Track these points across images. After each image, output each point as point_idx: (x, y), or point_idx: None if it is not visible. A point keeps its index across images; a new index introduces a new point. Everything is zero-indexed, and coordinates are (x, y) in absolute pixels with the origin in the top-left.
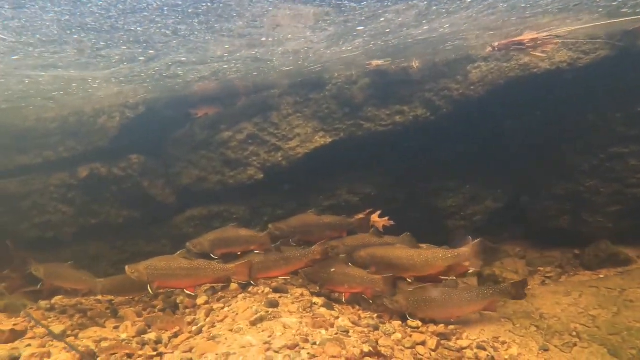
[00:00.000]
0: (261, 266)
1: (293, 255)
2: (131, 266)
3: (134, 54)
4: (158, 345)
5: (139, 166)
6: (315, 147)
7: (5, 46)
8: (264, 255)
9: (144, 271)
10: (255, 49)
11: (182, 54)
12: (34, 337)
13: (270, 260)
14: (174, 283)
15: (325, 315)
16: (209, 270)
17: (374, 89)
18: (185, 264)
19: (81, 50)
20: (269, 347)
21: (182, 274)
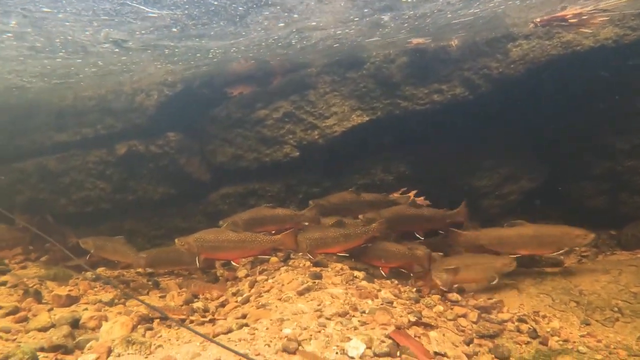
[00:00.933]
0: (320, 242)
1: (352, 232)
2: (181, 239)
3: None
4: (206, 314)
5: (176, 144)
6: (352, 126)
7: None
8: (322, 230)
9: (193, 243)
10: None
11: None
12: (87, 302)
13: (329, 236)
14: (221, 255)
15: (368, 287)
16: (256, 242)
17: (412, 68)
18: (233, 236)
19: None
20: (320, 314)
21: (230, 246)
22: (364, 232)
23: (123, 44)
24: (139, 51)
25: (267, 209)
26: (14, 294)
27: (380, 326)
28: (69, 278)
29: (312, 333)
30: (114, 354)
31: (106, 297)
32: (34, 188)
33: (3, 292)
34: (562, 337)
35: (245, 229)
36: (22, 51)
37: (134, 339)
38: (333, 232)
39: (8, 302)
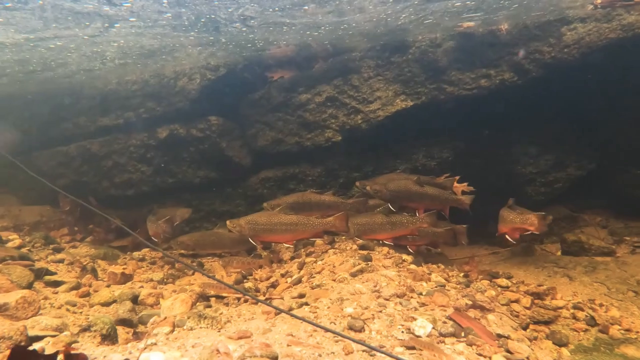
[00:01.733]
0: (367, 227)
1: (400, 221)
2: (232, 221)
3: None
4: (258, 294)
5: (218, 127)
6: (396, 111)
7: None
8: (370, 216)
9: (245, 225)
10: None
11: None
12: (141, 280)
13: (376, 222)
14: (273, 237)
15: (419, 270)
16: (309, 225)
17: (459, 52)
18: (286, 219)
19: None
20: (378, 294)
21: (282, 229)
22: (412, 222)
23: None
24: (261, 28)
25: (313, 194)
26: (72, 271)
27: (439, 307)
28: (117, 257)
29: (373, 312)
30: (186, 327)
31: (157, 276)
32: (77, 171)
33: (62, 268)
34: (624, 326)
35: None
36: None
37: (205, 314)
38: (380, 219)
39: (69, 277)
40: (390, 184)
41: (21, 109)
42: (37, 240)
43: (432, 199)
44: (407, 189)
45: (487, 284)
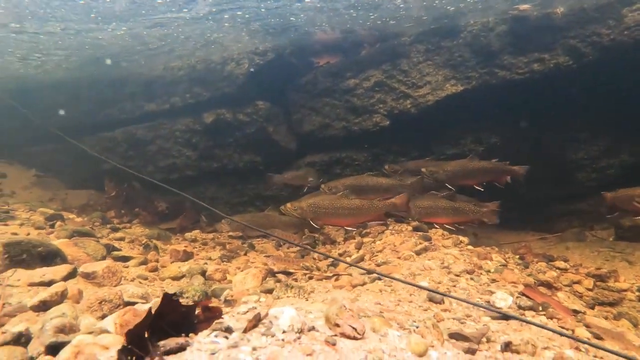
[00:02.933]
0: (430, 211)
1: (462, 208)
2: (293, 203)
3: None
4: (317, 272)
5: (265, 112)
6: (446, 95)
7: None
8: (434, 200)
9: (307, 208)
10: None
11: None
12: (201, 258)
13: (439, 206)
14: (335, 221)
15: (479, 250)
16: (371, 208)
17: (512, 36)
18: (348, 203)
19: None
20: (448, 270)
21: (344, 213)
22: (474, 212)
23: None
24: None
25: (370, 177)
26: (134, 248)
27: (510, 284)
28: (169, 238)
29: (448, 287)
30: (272, 295)
31: (214, 255)
32: (122, 156)
33: (124, 245)
34: None
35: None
36: None
37: (292, 284)
38: (444, 204)
39: (133, 254)
40: (445, 164)
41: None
42: (95, 219)
43: (489, 172)
44: (463, 167)
45: (545, 265)
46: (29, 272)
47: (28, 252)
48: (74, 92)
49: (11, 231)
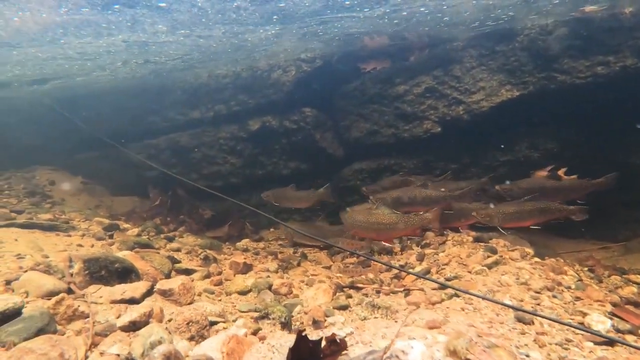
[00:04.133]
0: (516, 216)
1: (549, 208)
2: (345, 212)
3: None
4: (383, 286)
5: (312, 119)
6: (501, 101)
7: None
8: (519, 205)
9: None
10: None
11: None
12: (260, 270)
13: (526, 210)
14: (371, 235)
15: (549, 264)
16: (407, 223)
17: (573, 39)
18: (384, 219)
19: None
20: (527, 287)
21: (380, 228)
22: (562, 210)
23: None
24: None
25: (418, 189)
26: (193, 260)
27: (596, 302)
28: (220, 247)
29: (532, 305)
30: (359, 317)
31: (272, 266)
32: (166, 163)
33: (183, 257)
34: None
35: (392, 207)
36: None
37: (378, 304)
38: (530, 206)
39: (193, 265)
40: (522, 182)
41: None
42: (149, 229)
43: (571, 190)
44: (541, 184)
45: (619, 279)
46: (109, 288)
47: (106, 269)
48: (119, 100)
49: (76, 242)
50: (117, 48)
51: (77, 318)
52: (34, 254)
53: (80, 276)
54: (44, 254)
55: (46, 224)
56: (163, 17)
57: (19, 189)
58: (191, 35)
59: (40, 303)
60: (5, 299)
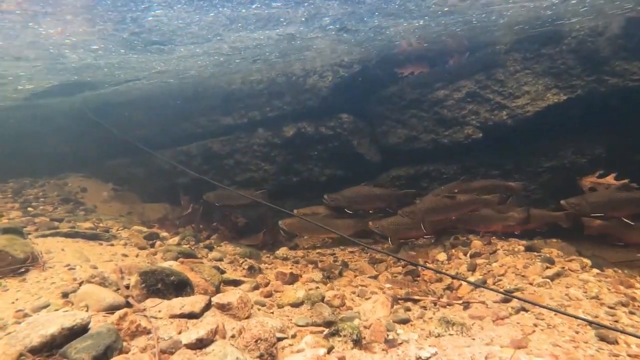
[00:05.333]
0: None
1: None
2: (374, 222)
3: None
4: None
5: (349, 125)
6: (547, 105)
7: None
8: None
9: (387, 226)
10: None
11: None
12: (306, 281)
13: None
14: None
15: (613, 275)
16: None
17: (626, 40)
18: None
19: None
20: (600, 302)
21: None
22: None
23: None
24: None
25: (447, 198)
26: (237, 270)
27: None
28: (259, 256)
29: (610, 322)
30: (433, 334)
31: (317, 276)
32: (198, 170)
33: (227, 267)
34: None
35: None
36: None
37: (452, 320)
38: (623, 195)
39: (238, 276)
40: (590, 196)
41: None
42: (189, 237)
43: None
44: (610, 197)
45: None
46: (167, 302)
47: (162, 282)
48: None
49: (120, 252)
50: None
51: (139, 334)
52: (82, 264)
53: (137, 289)
54: (91, 264)
55: (89, 233)
56: None
57: (53, 197)
58: None
59: (102, 318)
60: (73, 315)
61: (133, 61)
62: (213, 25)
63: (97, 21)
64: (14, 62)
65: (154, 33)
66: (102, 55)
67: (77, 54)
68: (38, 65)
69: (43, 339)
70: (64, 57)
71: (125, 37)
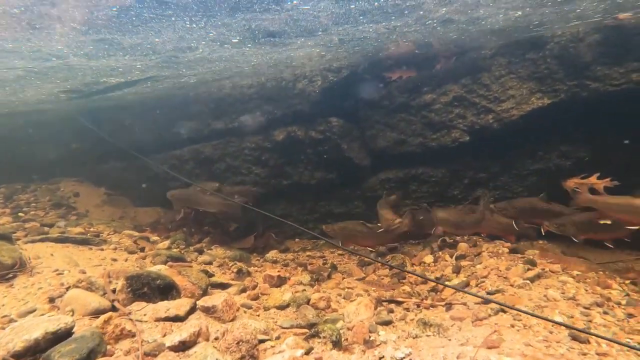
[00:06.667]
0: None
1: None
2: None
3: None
4: (422, 300)
5: (339, 129)
6: (531, 109)
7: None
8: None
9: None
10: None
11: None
12: (294, 283)
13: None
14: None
15: (592, 276)
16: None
17: (606, 46)
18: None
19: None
20: (576, 302)
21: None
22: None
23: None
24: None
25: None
26: (226, 273)
27: None
28: (248, 259)
29: (584, 322)
30: (411, 335)
31: (305, 279)
32: (190, 174)
33: (215, 270)
34: None
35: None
36: None
37: (430, 321)
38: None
39: (226, 279)
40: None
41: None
42: (179, 241)
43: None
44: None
45: None
46: (152, 306)
47: (148, 286)
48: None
49: (110, 256)
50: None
51: (124, 337)
52: (71, 269)
53: (123, 293)
54: (80, 269)
55: (79, 238)
56: None
57: (44, 202)
58: None
59: (87, 321)
60: (57, 319)
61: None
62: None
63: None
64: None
65: None
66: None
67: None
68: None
69: (27, 344)
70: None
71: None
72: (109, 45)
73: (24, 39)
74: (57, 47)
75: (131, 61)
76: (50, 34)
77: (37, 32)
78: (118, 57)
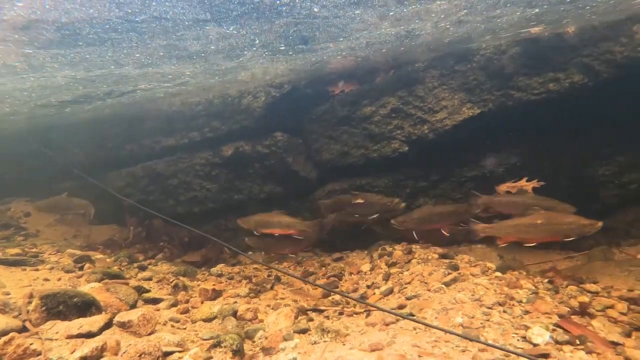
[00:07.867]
0: None
1: None
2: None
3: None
4: (344, 308)
5: (283, 143)
6: (463, 119)
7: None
8: None
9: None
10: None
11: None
12: (229, 295)
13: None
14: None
15: (507, 278)
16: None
17: (526, 58)
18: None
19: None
20: (480, 303)
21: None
22: None
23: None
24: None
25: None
26: (163, 288)
27: (543, 315)
28: (195, 274)
29: (482, 321)
30: (309, 341)
31: (242, 292)
32: (144, 190)
33: (153, 285)
34: None
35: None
36: None
37: (328, 327)
38: None
39: (162, 294)
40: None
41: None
42: (122, 259)
43: None
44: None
45: (575, 289)
46: (66, 323)
47: (64, 304)
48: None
49: (43, 277)
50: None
51: (28, 356)
52: None
53: (37, 312)
54: (5, 290)
55: (11, 259)
56: None
57: None
58: None
59: None
60: None
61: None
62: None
63: None
64: None
65: None
66: None
67: None
68: None
69: None
70: None
71: None
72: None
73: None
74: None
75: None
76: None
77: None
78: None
